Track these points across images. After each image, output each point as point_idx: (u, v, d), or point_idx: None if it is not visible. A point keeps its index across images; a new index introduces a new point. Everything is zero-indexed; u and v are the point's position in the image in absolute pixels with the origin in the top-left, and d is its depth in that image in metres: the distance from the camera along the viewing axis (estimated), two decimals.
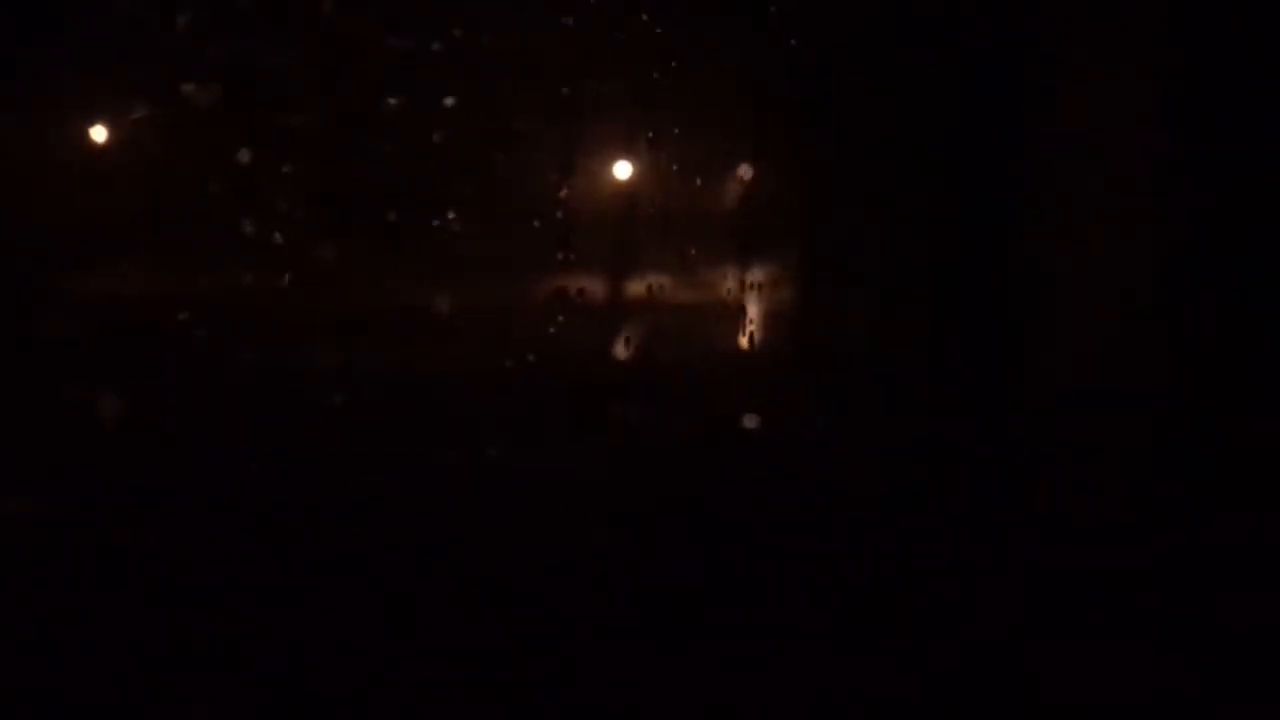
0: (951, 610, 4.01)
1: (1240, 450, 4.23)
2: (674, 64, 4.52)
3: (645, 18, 4.51)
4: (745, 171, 4.62)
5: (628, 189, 4.66)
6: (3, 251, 4.27)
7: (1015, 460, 4.39)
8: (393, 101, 4.41)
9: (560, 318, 4.47)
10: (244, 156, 4.25)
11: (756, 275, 4.64)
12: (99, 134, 4.39)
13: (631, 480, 4.45)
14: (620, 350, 4.62)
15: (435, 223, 4.42)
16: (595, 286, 4.60)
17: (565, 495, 4.25)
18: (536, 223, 4.49)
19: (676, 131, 4.61)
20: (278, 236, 4.29)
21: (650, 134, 4.61)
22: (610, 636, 3.92)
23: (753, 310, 4.61)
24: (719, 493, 4.41)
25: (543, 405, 4.39)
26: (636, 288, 4.60)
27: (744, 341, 4.62)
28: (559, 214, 4.55)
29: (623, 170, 4.64)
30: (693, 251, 4.65)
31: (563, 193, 4.57)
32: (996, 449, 4.40)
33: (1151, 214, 4.52)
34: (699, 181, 4.69)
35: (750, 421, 4.63)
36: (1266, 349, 4.37)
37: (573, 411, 4.44)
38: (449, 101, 4.42)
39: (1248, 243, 4.37)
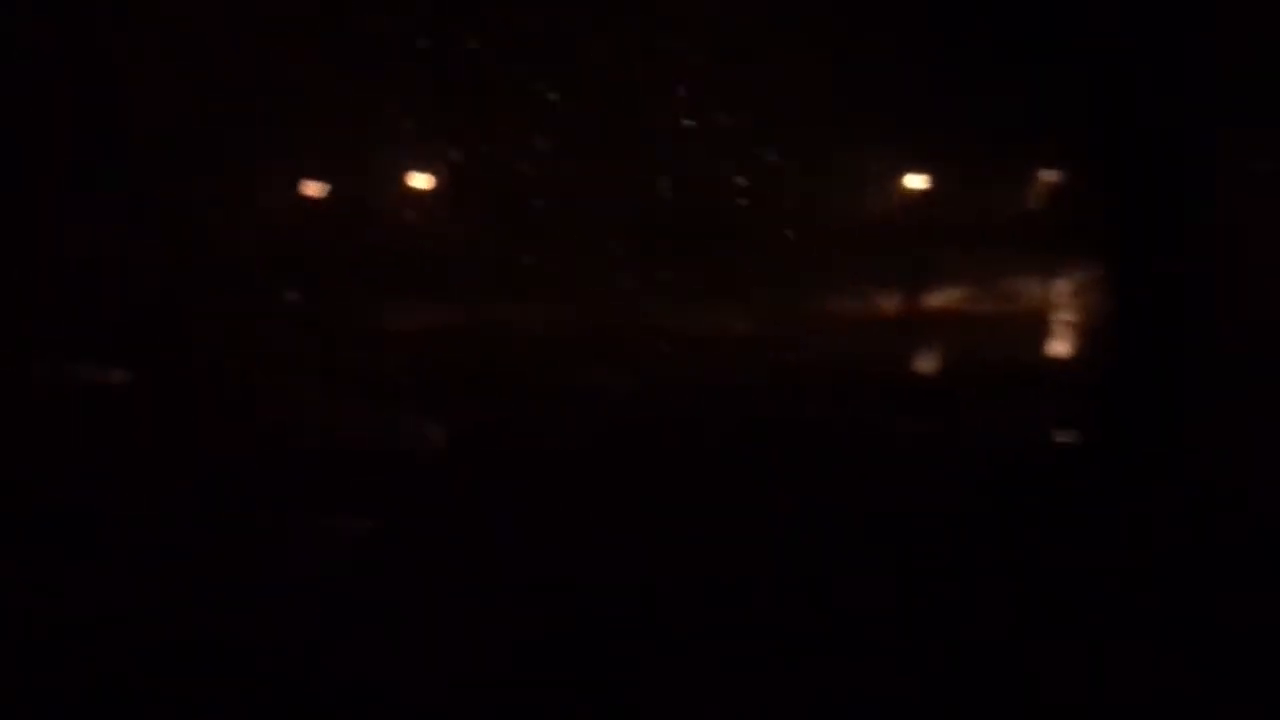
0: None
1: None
2: (969, 73, 4.49)
3: (943, 29, 4.47)
4: (1047, 177, 4.54)
5: (920, 200, 4.64)
6: (325, 286, 4.45)
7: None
8: (680, 127, 4.48)
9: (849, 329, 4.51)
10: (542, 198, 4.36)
11: (1058, 286, 4.57)
12: (421, 181, 4.56)
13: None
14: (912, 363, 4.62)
15: (728, 243, 4.50)
16: (885, 300, 4.62)
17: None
18: (829, 237, 4.52)
19: (967, 141, 4.56)
20: (579, 267, 4.42)
21: (940, 143, 4.58)
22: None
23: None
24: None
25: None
26: (931, 300, 4.60)
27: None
28: (849, 228, 4.57)
29: (914, 181, 4.62)
30: (986, 262, 4.62)
31: (853, 206, 4.58)
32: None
33: None
34: (994, 190, 4.64)
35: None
36: None
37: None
38: (734, 122, 4.47)
39: None
